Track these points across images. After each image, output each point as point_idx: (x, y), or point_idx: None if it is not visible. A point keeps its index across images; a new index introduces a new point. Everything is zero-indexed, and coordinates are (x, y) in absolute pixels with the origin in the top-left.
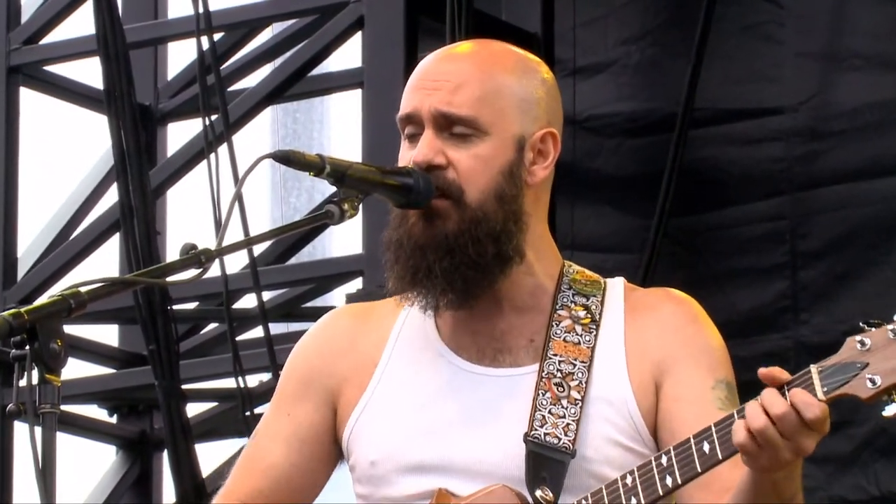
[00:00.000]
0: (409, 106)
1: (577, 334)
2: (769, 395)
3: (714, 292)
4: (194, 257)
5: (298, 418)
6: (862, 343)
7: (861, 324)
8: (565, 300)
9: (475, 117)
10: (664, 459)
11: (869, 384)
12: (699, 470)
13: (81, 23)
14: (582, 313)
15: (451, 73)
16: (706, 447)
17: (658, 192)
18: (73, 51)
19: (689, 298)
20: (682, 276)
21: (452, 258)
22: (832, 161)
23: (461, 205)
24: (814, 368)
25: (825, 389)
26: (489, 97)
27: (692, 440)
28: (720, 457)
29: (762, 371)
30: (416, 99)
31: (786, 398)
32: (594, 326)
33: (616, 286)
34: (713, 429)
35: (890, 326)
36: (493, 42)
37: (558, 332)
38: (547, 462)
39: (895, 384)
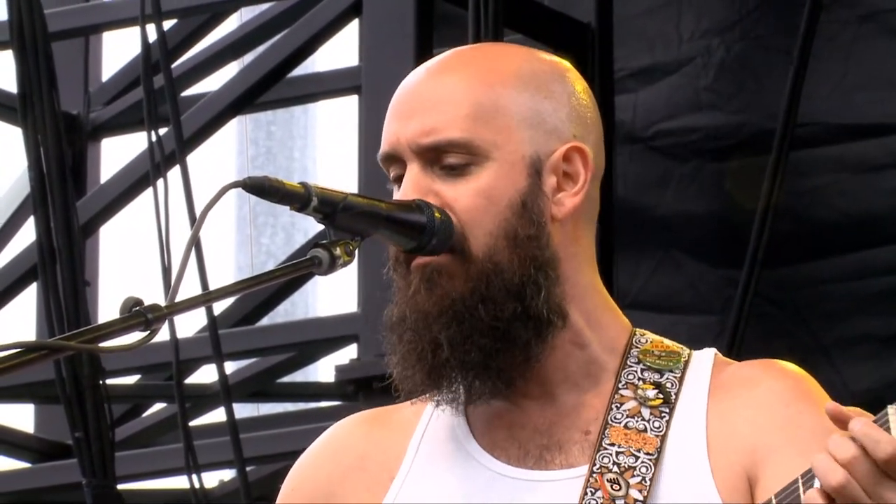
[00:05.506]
0: (386, 141)
1: (642, 419)
2: (837, 440)
3: (820, 367)
4: (138, 317)
5: None
6: None
7: None
8: (631, 377)
9: (468, 139)
10: None
11: None
12: None
13: None
14: (651, 393)
15: (431, 90)
16: None
17: (748, 233)
18: None
19: (798, 371)
20: (779, 346)
21: (461, 325)
22: None
23: (466, 257)
24: (892, 409)
25: None
26: (485, 112)
27: None
28: None
29: (829, 405)
30: (392, 131)
31: None
32: (667, 410)
33: (703, 360)
34: (773, 500)
35: None
36: (492, 44)
37: (619, 416)
38: None
39: None
